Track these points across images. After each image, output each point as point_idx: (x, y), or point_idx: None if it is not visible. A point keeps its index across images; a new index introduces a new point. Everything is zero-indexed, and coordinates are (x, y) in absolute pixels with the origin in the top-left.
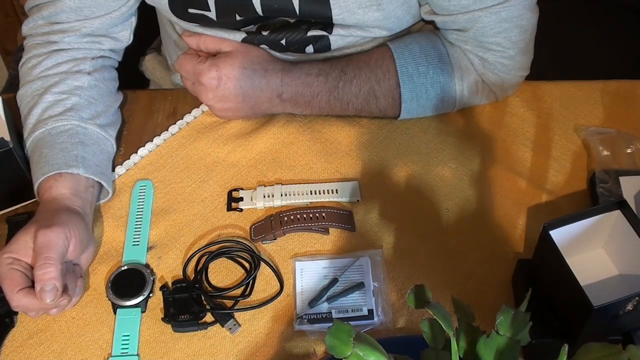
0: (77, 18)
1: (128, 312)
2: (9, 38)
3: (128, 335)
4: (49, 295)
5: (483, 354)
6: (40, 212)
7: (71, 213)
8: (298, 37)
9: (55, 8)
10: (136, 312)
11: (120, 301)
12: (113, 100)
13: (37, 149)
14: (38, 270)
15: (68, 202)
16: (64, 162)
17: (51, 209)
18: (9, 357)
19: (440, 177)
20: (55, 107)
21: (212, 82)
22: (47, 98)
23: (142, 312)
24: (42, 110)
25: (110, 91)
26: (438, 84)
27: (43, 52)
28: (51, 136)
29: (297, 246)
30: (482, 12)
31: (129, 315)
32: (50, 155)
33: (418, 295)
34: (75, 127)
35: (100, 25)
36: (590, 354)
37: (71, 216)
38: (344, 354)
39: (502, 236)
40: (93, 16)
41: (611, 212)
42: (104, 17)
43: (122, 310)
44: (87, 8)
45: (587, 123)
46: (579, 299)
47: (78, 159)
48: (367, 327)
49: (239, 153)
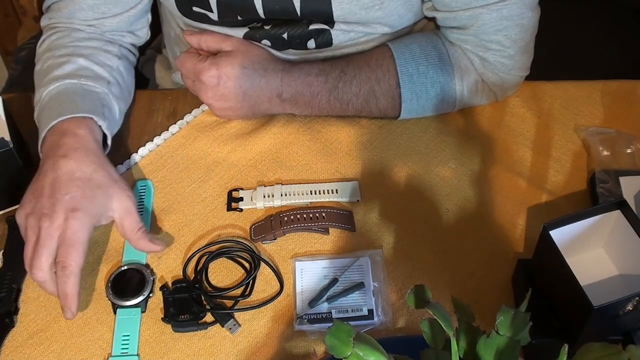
0: (94, 16)
1: (128, 312)
2: (9, 38)
3: (128, 335)
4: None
5: (483, 354)
6: (93, 153)
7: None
8: (300, 32)
9: (74, 6)
10: (136, 312)
11: (120, 301)
12: (129, 95)
13: (67, 93)
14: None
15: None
16: (94, 112)
17: (106, 168)
18: (9, 357)
19: (440, 177)
20: (88, 71)
21: (212, 80)
22: (80, 61)
23: (142, 312)
24: (74, 68)
25: (130, 84)
26: (438, 84)
27: (69, 28)
28: (83, 89)
29: (297, 246)
30: (483, 9)
31: (129, 315)
32: (82, 103)
33: (418, 295)
34: (105, 94)
35: (120, 23)
36: (590, 354)
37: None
38: (344, 354)
39: (502, 236)
40: (111, 14)
41: (611, 212)
42: (123, 15)
43: (122, 310)
44: (104, 5)
45: (587, 123)
46: (579, 299)
47: (104, 117)
48: (367, 327)
49: (239, 153)
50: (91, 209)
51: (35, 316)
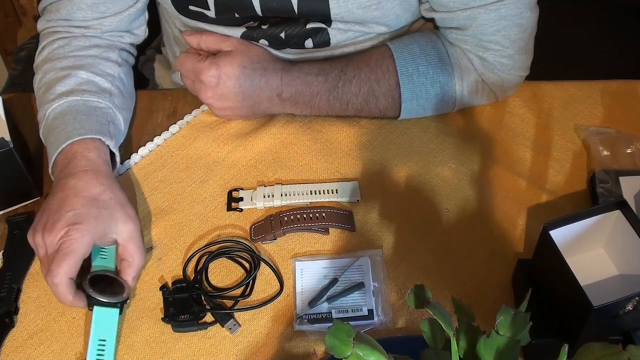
0: (94, 16)
1: (105, 313)
2: (9, 38)
3: (104, 340)
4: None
5: (483, 354)
6: (102, 174)
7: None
8: (297, 31)
9: (72, 6)
10: (114, 314)
11: (99, 295)
12: (132, 100)
13: (70, 112)
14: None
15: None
16: (101, 132)
17: (117, 191)
18: (9, 357)
19: (440, 177)
20: (90, 84)
21: (212, 80)
22: (81, 74)
23: (119, 313)
24: (76, 83)
25: (132, 90)
26: (438, 84)
27: (68, 36)
28: (86, 107)
29: (297, 246)
30: (481, 9)
31: (107, 316)
32: (88, 123)
33: (418, 295)
34: (109, 108)
35: (119, 22)
36: (590, 354)
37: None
38: (344, 354)
39: (502, 236)
40: (110, 13)
41: (611, 212)
42: (122, 14)
43: (100, 310)
44: (103, 4)
45: (587, 123)
46: (579, 299)
47: (111, 135)
48: (367, 327)
49: (239, 153)
50: (94, 226)
51: (35, 316)
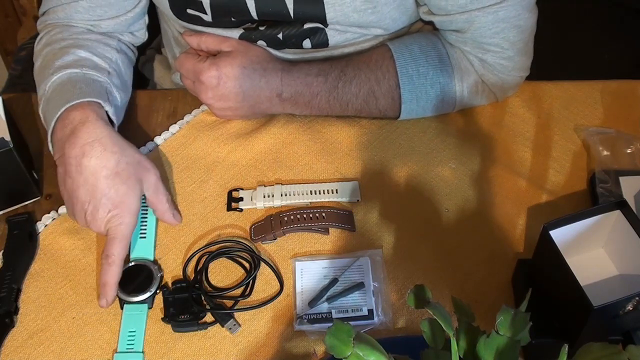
0: (91, 19)
1: (135, 308)
2: (9, 38)
3: (134, 331)
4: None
5: (483, 354)
6: (111, 138)
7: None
8: (294, 31)
9: (71, 9)
10: (143, 309)
11: (128, 297)
12: (128, 90)
13: (71, 82)
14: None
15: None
16: (100, 97)
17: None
18: (9, 357)
19: (440, 177)
20: (89, 61)
21: (212, 80)
22: (80, 52)
23: (149, 308)
24: (74, 59)
25: (129, 79)
26: (438, 85)
27: (67, 27)
28: (86, 78)
29: (297, 246)
30: (480, 12)
31: (136, 311)
32: (87, 90)
33: (418, 295)
34: (107, 83)
35: (117, 25)
36: (590, 354)
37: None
38: (344, 354)
39: (502, 236)
40: (107, 17)
41: (611, 212)
42: (120, 18)
43: (129, 307)
44: (100, 8)
45: (587, 123)
46: (579, 299)
47: (111, 103)
48: (367, 327)
49: (239, 153)
50: (129, 204)
51: (35, 316)
